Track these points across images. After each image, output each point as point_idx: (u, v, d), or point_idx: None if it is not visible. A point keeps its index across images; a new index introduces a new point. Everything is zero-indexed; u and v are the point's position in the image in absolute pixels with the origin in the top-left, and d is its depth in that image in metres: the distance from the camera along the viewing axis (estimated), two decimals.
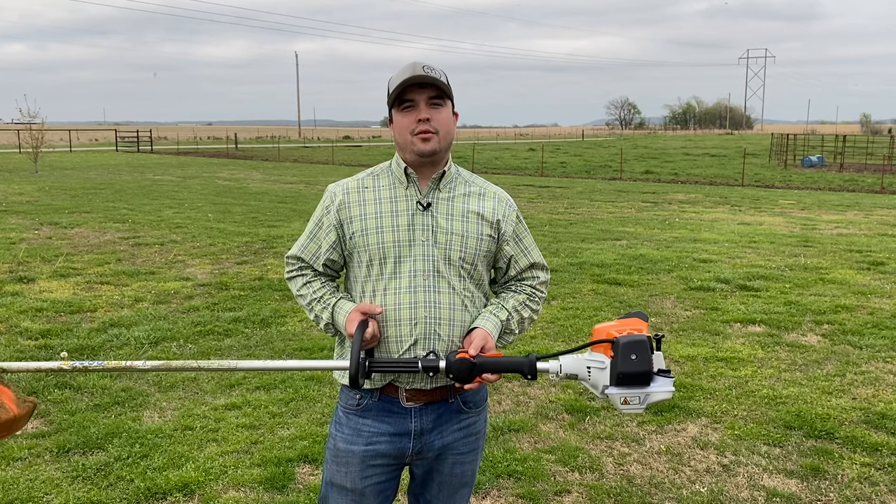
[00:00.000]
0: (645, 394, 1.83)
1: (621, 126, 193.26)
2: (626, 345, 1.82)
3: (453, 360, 1.90)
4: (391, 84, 2.03)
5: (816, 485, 3.75)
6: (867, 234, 12.50)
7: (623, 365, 1.81)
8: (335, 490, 2.14)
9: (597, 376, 1.87)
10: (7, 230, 11.94)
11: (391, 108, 2.06)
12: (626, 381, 1.82)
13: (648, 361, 1.82)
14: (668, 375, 1.85)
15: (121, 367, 1.96)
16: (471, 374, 1.90)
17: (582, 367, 1.90)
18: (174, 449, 4.04)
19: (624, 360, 1.81)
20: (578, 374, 1.90)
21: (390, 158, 2.15)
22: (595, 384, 1.88)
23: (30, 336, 6.08)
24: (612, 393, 1.84)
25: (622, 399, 1.83)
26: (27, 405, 1.92)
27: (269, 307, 7.11)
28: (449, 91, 2.04)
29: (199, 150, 52.02)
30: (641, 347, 1.82)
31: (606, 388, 1.85)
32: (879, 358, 5.75)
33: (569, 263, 9.43)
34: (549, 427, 4.44)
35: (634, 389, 1.82)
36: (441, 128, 2.02)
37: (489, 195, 2.14)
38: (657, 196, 20.08)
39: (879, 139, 47.39)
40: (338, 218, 2.10)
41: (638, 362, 1.81)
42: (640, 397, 1.83)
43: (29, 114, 29.25)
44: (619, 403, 1.84)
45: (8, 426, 1.84)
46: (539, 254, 2.22)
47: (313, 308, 2.11)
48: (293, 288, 2.18)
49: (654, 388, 1.83)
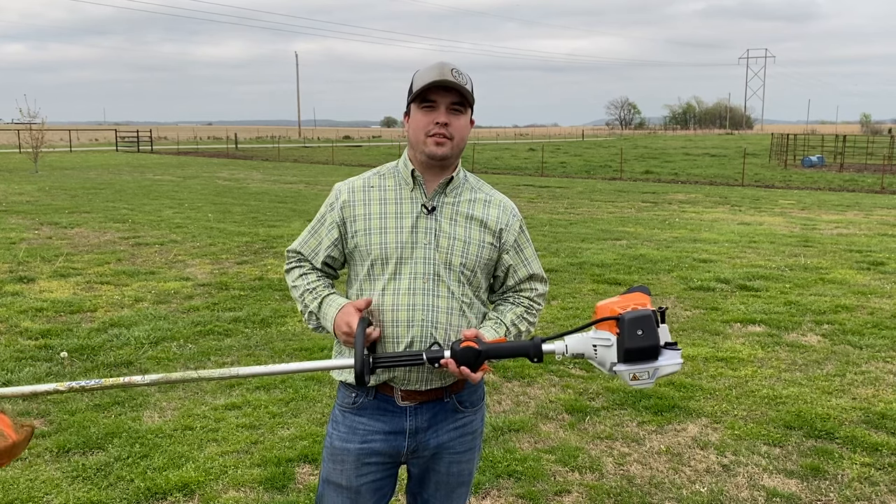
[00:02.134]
0: (654, 368, 1.81)
1: (621, 126, 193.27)
2: (631, 321, 1.80)
3: (458, 349, 1.89)
4: (416, 80, 2.01)
5: (816, 485, 3.75)
6: (867, 234, 12.50)
7: (630, 341, 1.80)
8: (331, 488, 2.14)
9: (603, 354, 1.86)
10: (7, 230, 11.94)
11: (410, 103, 2.04)
12: (634, 356, 1.81)
13: (655, 336, 1.80)
14: (675, 348, 1.83)
15: (119, 384, 1.95)
16: (477, 360, 1.89)
17: (588, 346, 1.88)
18: (174, 449, 4.04)
19: (630, 337, 1.80)
20: (585, 353, 1.89)
21: (390, 159, 2.15)
22: (602, 362, 1.87)
23: (30, 336, 6.08)
24: (620, 370, 1.82)
25: (631, 375, 1.82)
26: (24, 430, 1.91)
27: (269, 307, 7.11)
28: (472, 99, 2.03)
29: (199, 150, 52.02)
30: (647, 322, 1.80)
31: (614, 366, 1.84)
32: (879, 358, 5.75)
33: (569, 263, 9.42)
34: (549, 427, 4.44)
35: (643, 365, 1.81)
36: (457, 134, 2.01)
37: (494, 203, 2.13)
38: (657, 196, 20.08)
39: (879, 139, 47.40)
40: (341, 216, 2.09)
41: (644, 337, 1.79)
42: (648, 372, 1.81)
43: (29, 114, 29.27)
44: (629, 380, 1.83)
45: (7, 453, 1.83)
46: (539, 266, 2.21)
47: (304, 297, 2.10)
48: (289, 279, 2.18)
49: (662, 362, 1.81)
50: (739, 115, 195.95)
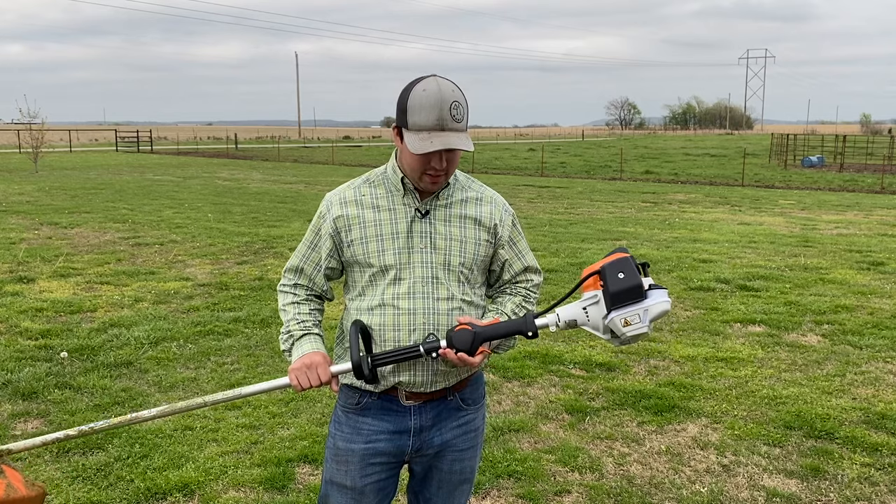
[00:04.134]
0: (643, 309, 1.82)
1: (621, 126, 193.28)
2: (610, 265, 1.85)
3: (454, 333, 1.91)
4: (411, 109, 1.91)
5: (816, 485, 3.75)
6: (867, 235, 12.50)
7: (612, 284, 1.82)
8: (335, 489, 2.14)
9: (594, 313, 1.88)
10: (7, 230, 11.95)
11: (402, 128, 1.96)
12: (621, 299, 1.82)
13: (636, 276, 1.83)
14: (660, 287, 1.85)
15: (126, 421, 1.97)
16: (473, 343, 1.90)
17: (579, 311, 1.90)
18: (174, 449, 4.04)
19: (613, 281, 1.83)
20: (578, 320, 1.91)
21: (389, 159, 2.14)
22: (595, 323, 1.88)
23: (30, 336, 6.08)
24: (611, 318, 1.83)
25: (623, 321, 1.83)
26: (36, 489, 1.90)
27: (269, 307, 7.10)
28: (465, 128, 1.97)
29: (199, 150, 52.03)
30: (626, 264, 1.84)
31: (605, 319, 1.85)
32: (879, 358, 5.75)
33: (569, 263, 9.42)
34: (549, 427, 4.44)
35: (631, 307, 1.82)
36: (451, 168, 2.00)
37: (486, 200, 2.13)
38: (657, 196, 20.08)
39: (879, 139, 47.38)
40: (334, 226, 2.08)
41: (626, 279, 1.82)
42: (639, 314, 1.82)
43: (29, 114, 29.30)
44: (622, 327, 1.83)
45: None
46: (532, 257, 2.23)
47: (290, 324, 2.09)
48: (280, 300, 2.18)
49: (650, 302, 1.83)
50: (739, 116, 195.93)
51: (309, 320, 2.11)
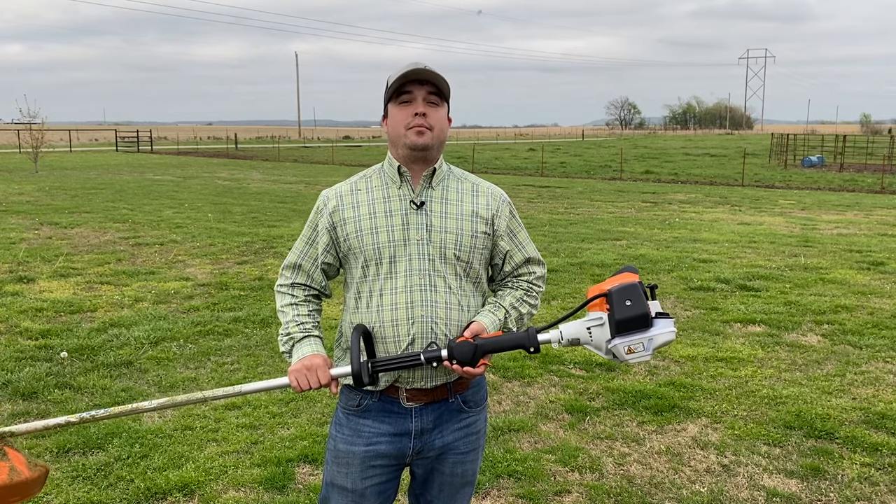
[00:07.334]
0: (648, 338, 1.81)
1: (621, 126, 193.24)
2: (618, 292, 1.82)
3: (455, 345, 1.90)
4: (390, 79, 2.02)
5: (816, 485, 3.75)
6: (867, 234, 12.50)
7: (619, 311, 1.80)
8: (336, 491, 2.14)
9: (598, 335, 1.86)
10: (7, 230, 11.95)
11: (387, 103, 2.05)
12: (626, 327, 1.81)
13: (643, 304, 1.81)
14: (667, 317, 1.83)
15: (127, 411, 1.98)
16: (474, 356, 1.90)
17: (582, 330, 1.89)
18: (174, 449, 4.04)
19: (619, 307, 1.81)
20: (580, 339, 1.89)
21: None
22: (598, 344, 1.87)
23: (30, 336, 6.08)
24: (615, 344, 1.82)
25: (626, 349, 1.82)
26: (39, 469, 1.91)
27: (269, 307, 7.10)
28: (447, 92, 2.05)
29: (199, 150, 52.02)
30: (634, 291, 1.81)
31: (609, 343, 1.84)
32: (879, 358, 5.75)
33: (569, 263, 9.42)
34: (549, 427, 4.44)
35: (636, 335, 1.81)
36: (436, 125, 2.02)
37: (482, 191, 2.14)
38: (657, 196, 20.07)
39: (879, 139, 47.39)
40: (331, 221, 2.09)
41: (633, 307, 1.80)
42: (643, 343, 1.81)
43: (29, 114, 29.29)
44: (625, 354, 1.82)
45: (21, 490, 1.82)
46: (534, 248, 2.21)
47: (289, 326, 2.08)
48: (278, 301, 2.16)
49: (655, 331, 1.81)
50: (739, 115, 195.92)
51: (308, 322, 2.10)
